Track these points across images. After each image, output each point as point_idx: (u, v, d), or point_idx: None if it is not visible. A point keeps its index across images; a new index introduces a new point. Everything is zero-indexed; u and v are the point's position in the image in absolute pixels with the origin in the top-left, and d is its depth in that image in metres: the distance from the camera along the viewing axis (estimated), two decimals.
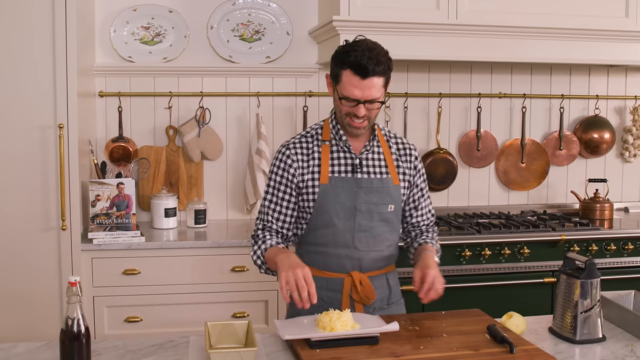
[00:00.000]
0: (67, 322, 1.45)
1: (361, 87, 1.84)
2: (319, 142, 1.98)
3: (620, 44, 3.24)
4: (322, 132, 2.00)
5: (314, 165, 1.96)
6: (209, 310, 2.86)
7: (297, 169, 1.96)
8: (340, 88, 1.88)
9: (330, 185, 1.94)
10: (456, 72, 3.58)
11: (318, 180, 1.94)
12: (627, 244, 3.14)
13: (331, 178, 1.94)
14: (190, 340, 1.77)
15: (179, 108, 3.33)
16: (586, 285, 1.78)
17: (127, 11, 3.22)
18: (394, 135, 2.10)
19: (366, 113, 1.89)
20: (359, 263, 1.97)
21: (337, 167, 1.96)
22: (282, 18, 3.36)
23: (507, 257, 3.03)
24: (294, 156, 1.97)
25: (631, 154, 3.79)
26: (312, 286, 1.73)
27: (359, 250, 1.96)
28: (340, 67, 1.87)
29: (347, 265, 1.96)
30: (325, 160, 1.95)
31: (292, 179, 1.96)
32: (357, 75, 1.83)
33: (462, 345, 1.69)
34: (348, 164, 1.96)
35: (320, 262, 1.98)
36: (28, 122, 2.70)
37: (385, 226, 1.99)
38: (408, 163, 2.05)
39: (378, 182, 1.97)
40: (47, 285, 2.75)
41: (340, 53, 1.89)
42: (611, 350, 1.72)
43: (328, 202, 1.94)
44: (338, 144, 1.98)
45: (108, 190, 2.87)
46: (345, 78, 1.86)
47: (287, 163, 1.97)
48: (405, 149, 2.07)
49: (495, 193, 3.70)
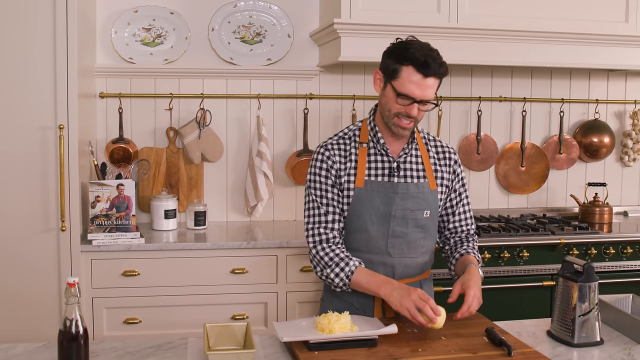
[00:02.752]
0: (66, 323, 1.45)
1: (421, 86, 1.79)
2: (357, 144, 1.94)
3: (620, 48, 3.25)
4: (360, 134, 1.96)
5: (351, 168, 1.92)
6: (208, 312, 2.85)
7: (338, 170, 1.92)
8: (398, 85, 1.81)
9: (366, 189, 1.90)
10: (456, 76, 3.59)
11: (353, 183, 1.90)
12: (626, 248, 3.14)
13: (367, 182, 1.90)
14: (188, 342, 1.77)
15: (179, 110, 3.34)
16: (584, 289, 1.78)
17: (128, 12, 3.23)
18: (433, 138, 2.06)
19: (416, 115, 1.84)
20: (392, 270, 1.94)
21: (374, 170, 1.92)
22: (284, 20, 3.37)
23: (506, 260, 3.03)
24: (334, 157, 1.92)
25: (630, 158, 3.79)
26: (430, 300, 1.73)
27: (392, 256, 1.93)
28: (401, 63, 1.80)
29: (380, 271, 1.91)
30: (362, 162, 1.91)
31: (335, 180, 1.92)
32: (420, 73, 1.78)
33: (460, 348, 1.69)
34: (385, 168, 1.92)
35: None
36: (28, 122, 2.71)
37: (420, 232, 1.95)
38: (447, 167, 2.01)
39: (414, 188, 1.92)
40: (46, 286, 2.75)
41: (399, 48, 1.83)
42: (609, 354, 1.72)
43: (362, 207, 1.90)
44: (375, 147, 1.94)
45: (108, 191, 2.87)
46: (405, 74, 1.79)
47: (329, 164, 1.92)
48: (444, 153, 2.02)
49: (495, 196, 3.71)
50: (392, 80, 1.83)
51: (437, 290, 2.91)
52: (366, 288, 1.85)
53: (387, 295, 1.80)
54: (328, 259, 1.89)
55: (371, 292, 1.86)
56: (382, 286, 1.82)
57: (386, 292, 1.80)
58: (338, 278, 1.88)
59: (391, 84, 1.83)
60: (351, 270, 1.86)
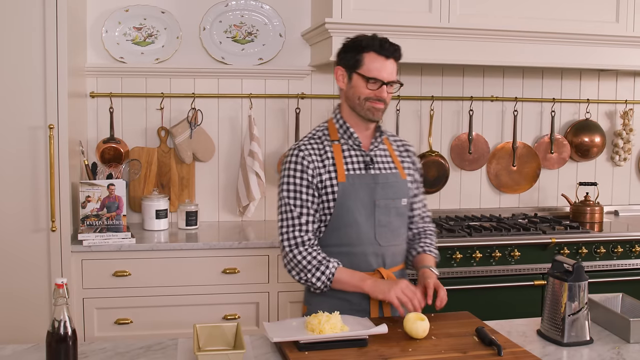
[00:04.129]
0: (54, 324, 1.44)
1: (385, 68, 1.92)
2: (329, 142, 1.99)
3: (610, 48, 3.26)
4: (329, 133, 2.02)
5: (330, 165, 1.96)
6: (200, 312, 2.85)
7: (315, 169, 1.95)
8: (365, 71, 1.92)
9: (349, 182, 1.95)
10: (448, 75, 3.59)
11: (336, 179, 1.95)
12: (616, 247, 3.16)
13: (348, 176, 1.95)
14: (178, 342, 1.76)
15: (170, 109, 3.33)
16: (574, 288, 1.79)
17: (119, 12, 3.22)
18: (392, 134, 2.16)
19: (386, 97, 1.94)
20: (383, 259, 1.99)
21: (352, 164, 1.98)
22: (275, 20, 3.36)
23: (497, 259, 3.04)
24: (309, 157, 1.96)
25: (621, 157, 3.81)
26: (418, 291, 1.86)
27: (381, 246, 1.98)
28: (362, 51, 1.92)
29: (372, 262, 1.97)
30: (339, 158, 1.97)
31: (312, 180, 1.95)
32: (381, 56, 1.91)
33: (450, 348, 1.69)
34: (360, 162, 1.99)
35: (345, 263, 1.96)
36: (18, 122, 2.69)
37: (400, 220, 2.03)
38: (409, 158, 2.12)
39: (392, 177, 2.01)
40: (36, 287, 2.74)
41: (354, 41, 1.96)
42: (598, 353, 1.73)
43: (349, 200, 1.94)
44: (347, 142, 2.00)
45: (98, 191, 2.86)
46: (368, 59, 1.91)
47: (304, 164, 1.95)
48: (404, 146, 2.13)
49: (486, 196, 3.72)
50: (358, 70, 1.94)
51: None
52: (349, 283, 1.91)
53: (373, 287, 1.88)
54: (306, 263, 1.93)
55: (355, 287, 1.92)
56: (366, 279, 1.91)
57: (371, 284, 1.89)
58: (320, 282, 1.92)
59: (357, 73, 1.94)
60: (332, 272, 1.91)
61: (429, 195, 3.60)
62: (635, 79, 3.84)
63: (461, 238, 3.02)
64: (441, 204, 3.65)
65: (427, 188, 3.56)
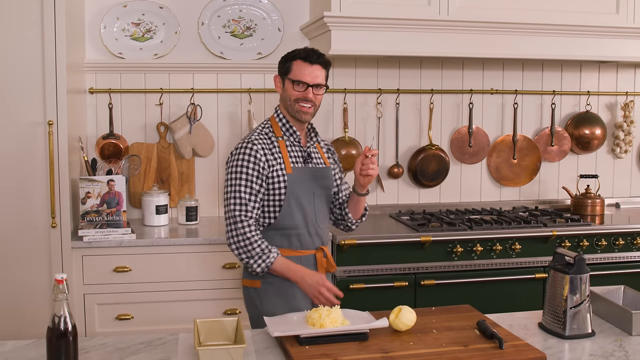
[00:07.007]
0: (54, 320, 1.44)
1: (310, 72, 2.19)
2: (275, 138, 2.24)
3: (611, 40, 3.25)
4: (274, 130, 2.26)
5: (279, 157, 2.21)
6: (200, 308, 2.85)
7: (267, 161, 2.18)
8: (293, 76, 2.20)
9: (295, 174, 2.21)
10: (448, 69, 3.58)
11: (285, 170, 2.20)
12: (617, 240, 3.15)
13: (294, 168, 2.22)
14: (179, 338, 1.76)
15: (170, 105, 3.32)
16: (575, 281, 1.78)
17: (117, 7, 3.21)
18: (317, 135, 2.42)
19: (313, 98, 2.20)
20: (321, 239, 2.29)
21: (294, 158, 2.24)
22: (274, 14, 3.35)
23: (498, 253, 3.04)
24: (261, 150, 2.18)
25: (622, 149, 3.80)
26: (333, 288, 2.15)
27: (320, 227, 2.28)
28: (291, 60, 2.22)
29: (316, 242, 2.27)
30: (285, 152, 2.22)
31: (262, 172, 2.17)
32: (306, 62, 2.19)
33: (452, 341, 1.69)
34: (300, 156, 2.26)
35: (295, 243, 2.23)
36: (17, 118, 2.69)
37: (328, 206, 2.35)
38: (332, 155, 2.42)
39: (326, 170, 2.31)
40: (37, 283, 2.74)
41: (288, 53, 2.26)
42: (600, 345, 1.73)
43: (297, 188, 2.21)
44: (289, 139, 2.25)
45: (98, 187, 2.85)
46: (296, 66, 2.21)
47: (257, 157, 2.17)
48: (327, 146, 2.42)
49: (487, 189, 3.71)
50: (288, 75, 2.22)
51: (429, 284, 2.94)
52: (282, 274, 2.17)
53: (301, 281, 2.16)
54: (251, 248, 2.14)
55: (286, 278, 2.18)
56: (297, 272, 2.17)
57: (299, 279, 2.16)
58: (259, 268, 2.15)
59: (288, 79, 2.22)
60: (271, 262, 2.15)
61: (429, 189, 3.60)
62: (635, 71, 3.83)
63: (462, 231, 3.01)
64: (442, 197, 3.64)
65: (427, 182, 3.56)
